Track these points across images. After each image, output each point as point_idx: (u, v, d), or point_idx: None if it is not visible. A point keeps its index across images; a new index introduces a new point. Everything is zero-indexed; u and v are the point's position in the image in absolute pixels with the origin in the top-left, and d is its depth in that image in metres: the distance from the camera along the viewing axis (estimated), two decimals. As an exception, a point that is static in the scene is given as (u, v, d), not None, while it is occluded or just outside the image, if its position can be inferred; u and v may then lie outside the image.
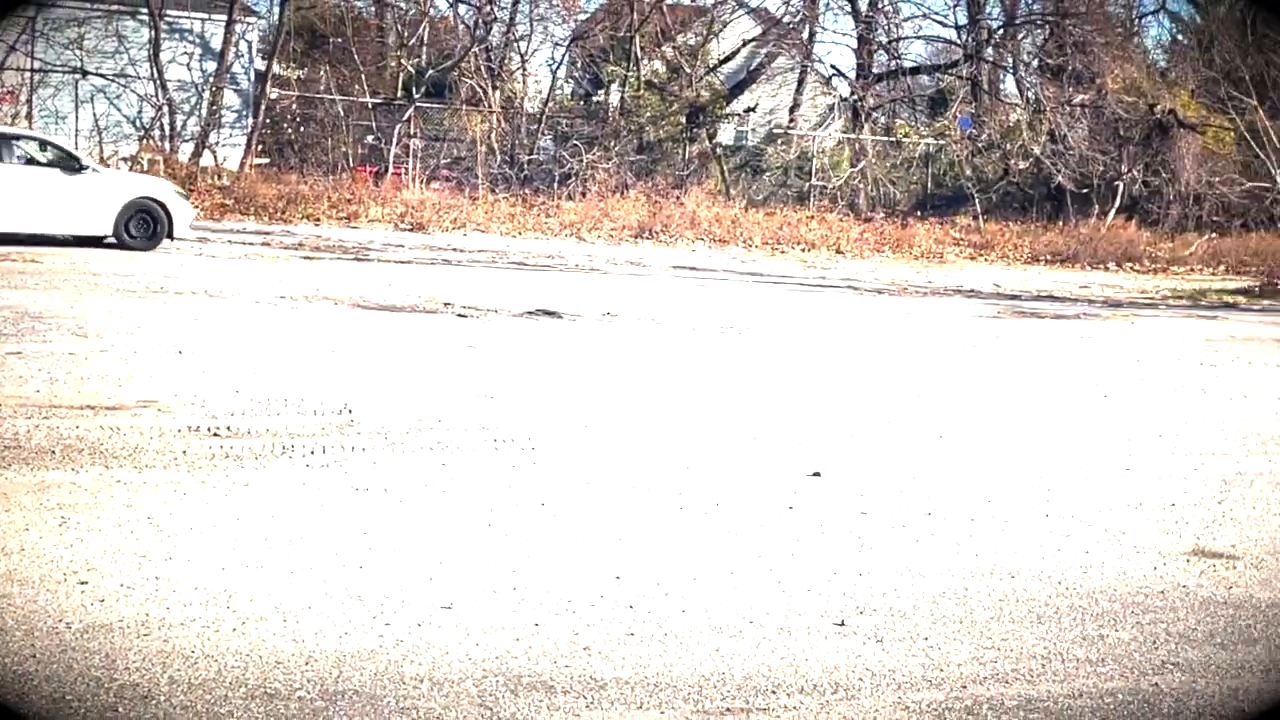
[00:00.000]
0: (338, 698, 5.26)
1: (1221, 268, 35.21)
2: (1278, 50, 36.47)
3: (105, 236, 23.63)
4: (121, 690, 5.23)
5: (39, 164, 23.88)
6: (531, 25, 44.27)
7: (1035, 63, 46.46)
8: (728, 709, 5.36)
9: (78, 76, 37.30)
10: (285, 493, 8.31)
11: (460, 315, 17.76)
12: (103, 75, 37.67)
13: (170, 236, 24.08)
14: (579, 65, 46.51)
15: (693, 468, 9.57)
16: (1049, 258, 35.85)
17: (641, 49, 43.61)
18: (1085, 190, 41.48)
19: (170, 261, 22.01)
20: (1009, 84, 48.40)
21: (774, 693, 5.55)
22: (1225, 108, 37.98)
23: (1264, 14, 42.83)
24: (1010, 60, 47.62)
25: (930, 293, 26.24)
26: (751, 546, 7.67)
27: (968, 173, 42.58)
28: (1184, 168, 41.10)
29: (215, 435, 9.70)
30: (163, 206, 24.03)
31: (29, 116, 36.21)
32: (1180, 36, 50.52)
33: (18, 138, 25.08)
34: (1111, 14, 47.70)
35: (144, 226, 23.88)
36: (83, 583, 6.41)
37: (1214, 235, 38.89)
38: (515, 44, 44.54)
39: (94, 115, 37.08)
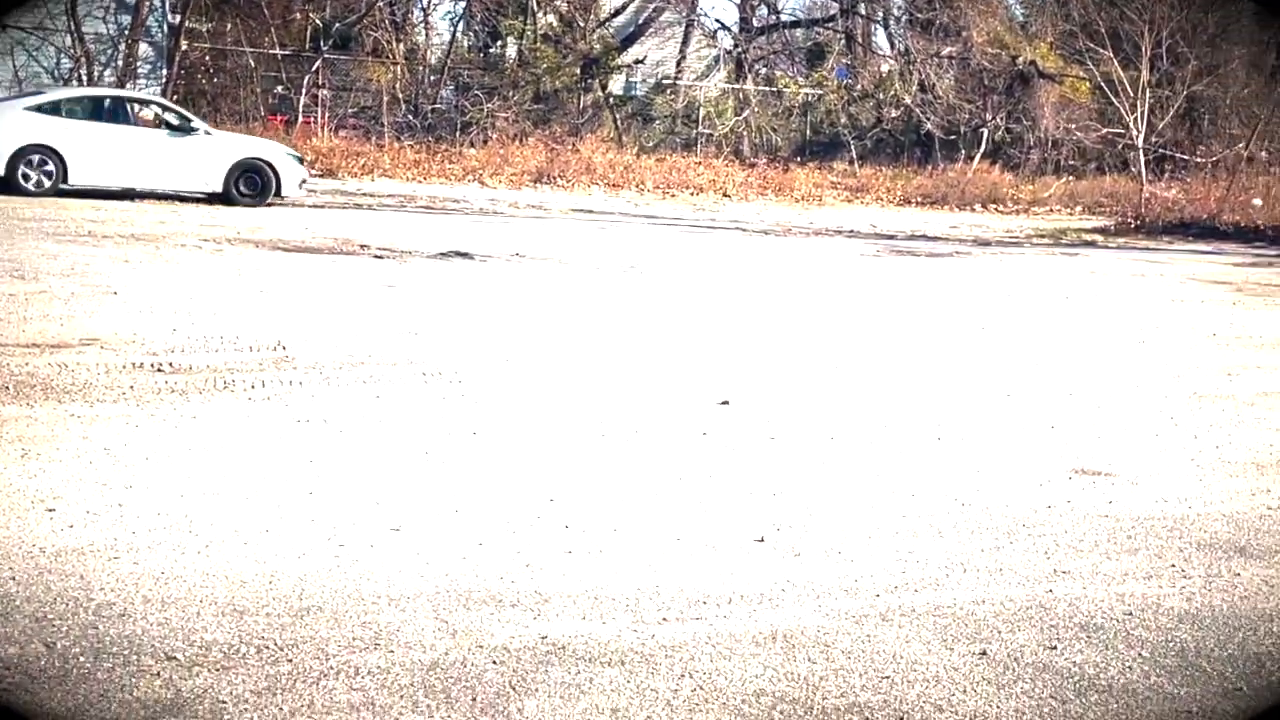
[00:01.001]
0: (303, 614, 5.31)
1: (1079, 208, 35.60)
2: (1130, 4, 36.82)
3: (217, 193, 23.93)
4: (99, 609, 5.24)
5: (157, 126, 24.43)
6: (433, -20, 43.98)
7: (905, 17, 46.64)
8: (664, 619, 5.45)
9: (-4, 30, 36.64)
10: (231, 424, 8.30)
11: (377, 256, 17.69)
12: (21, 28, 36.93)
13: (279, 194, 24.38)
14: (478, 19, 46.07)
15: (610, 398, 9.65)
16: (920, 200, 36.10)
17: (537, 3, 43.39)
18: (952, 137, 41.81)
19: (93, 207, 21.71)
20: (881, 37, 48.62)
21: (704, 603, 5.65)
22: (1082, 59, 38.29)
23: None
24: (882, 14, 47.80)
25: (813, 233, 26.39)
26: (672, 470, 7.77)
27: (844, 121, 42.77)
28: (1043, 115, 41.50)
29: (159, 371, 9.65)
30: (271, 166, 24.39)
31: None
32: (1039, -7, 50.90)
33: (139, 102, 25.76)
34: (976, -29, 47.97)
35: (252, 184, 24.18)
36: (50, 510, 6.40)
37: (1071, 178, 39.31)
38: (417, -1, 44.20)
39: (14, 67, 36.43)
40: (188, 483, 6.98)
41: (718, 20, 49.86)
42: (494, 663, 4.93)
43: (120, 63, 38.40)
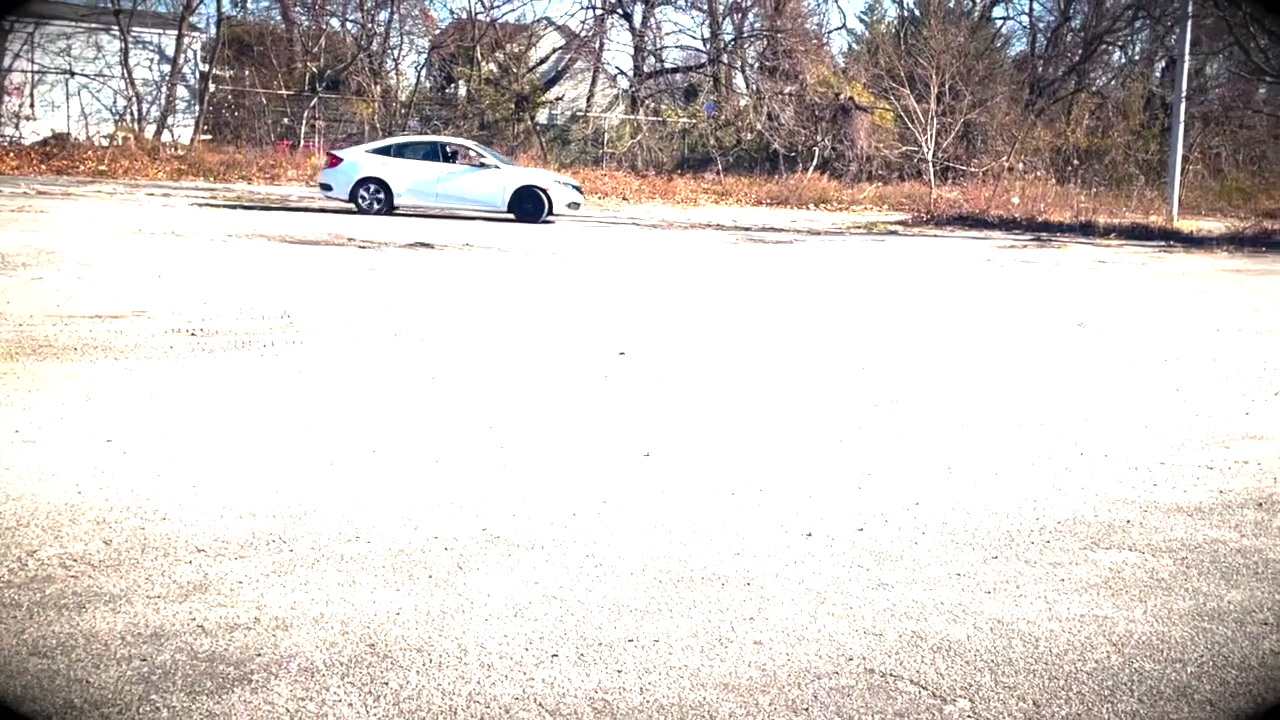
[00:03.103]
0: (301, 515, 5.26)
1: (886, 206, 35.78)
2: (922, 54, 37.14)
3: (503, 212, 24.27)
4: (145, 514, 5.17)
5: (459, 162, 24.87)
6: (401, 37, 43.77)
7: (757, 64, 46.70)
8: (573, 514, 5.45)
9: (67, 75, 35.95)
10: (248, 375, 8.20)
11: (361, 247, 17.50)
12: (86, 75, 36.33)
13: (551, 213, 24.42)
14: (436, 66, 45.72)
15: (535, 350, 9.62)
16: (769, 201, 36.17)
17: (481, 55, 43.07)
18: (793, 154, 41.92)
19: (136, 208, 21.30)
20: (739, 80, 48.64)
21: (605, 502, 5.66)
22: (887, 95, 38.56)
23: (910, 28, 43.59)
24: (740, 63, 47.83)
25: (689, 226, 26.37)
26: (581, 404, 7.77)
27: (712, 142, 42.82)
28: (859, 137, 41.74)
29: (192, 335, 9.51)
30: (544, 191, 24.44)
31: (32, 105, 34.92)
32: (855, 46, 51.11)
33: (449, 144, 26.02)
34: (809, 30, 48.09)
35: (528, 206, 24.20)
36: (108, 440, 6.30)
37: (880, 184, 39.54)
38: (390, 51, 43.81)
39: (81, 104, 35.82)
40: (214, 419, 6.90)
41: (617, 67, 49.85)
42: (445, 549, 4.92)
43: (163, 101, 37.77)
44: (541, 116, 45.15)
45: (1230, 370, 9.76)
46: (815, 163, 41.62)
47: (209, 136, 38.30)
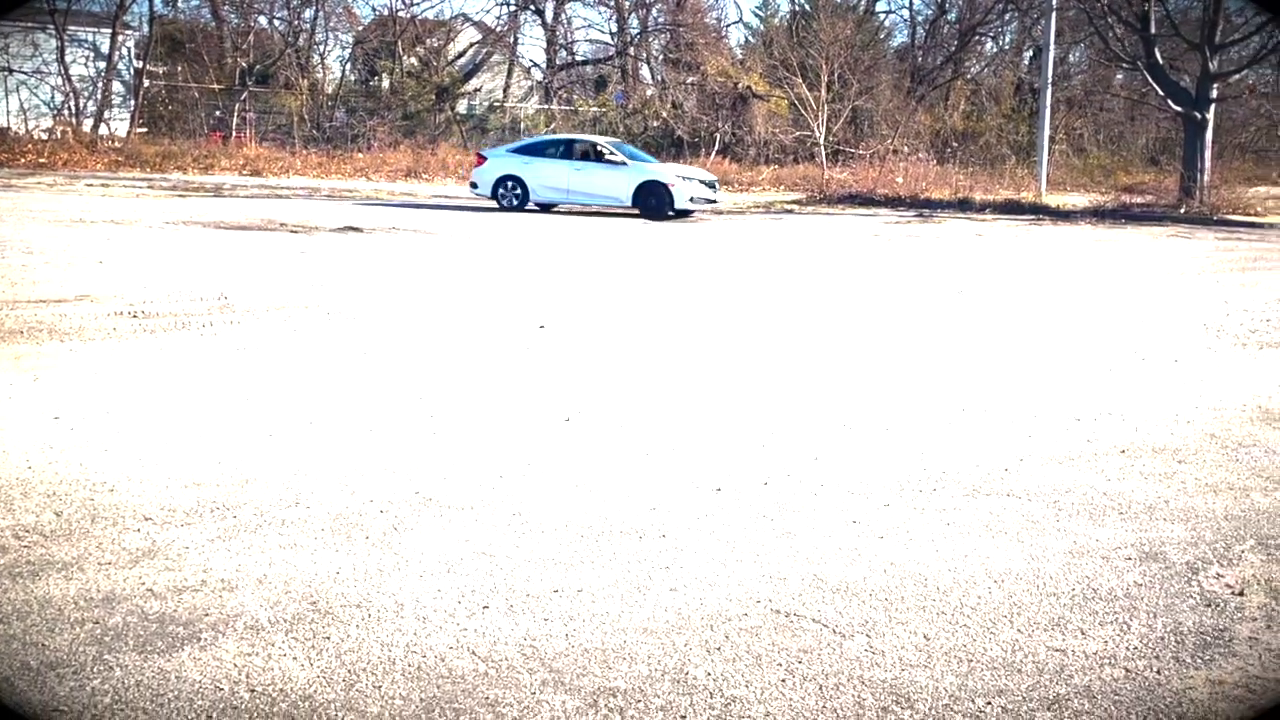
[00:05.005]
0: (244, 484, 5.19)
1: (782, 187, 35.92)
2: (813, 46, 37.33)
3: (628, 206, 23.40)
4: (94, 486, 5.07)
5: (602, 162, 23.87)
6: (326, 33, 43.19)
7: (661, 56, 46.69)
8: (500, 476, 5.43)
9: (5, 72, 34.86)
10: (189, 353, 8.05)
11: (293, 231, 17.22)
12: (24, 72, 35.28)
13: (672, 208, 23.35)
14: (360, 60, 45.04)
15: (460, 326, 9.54)
16: (675, 183, 36.14)
17: (402, 49, 42.55)
18: (696, 140, 41.95)
19: (76, 198, 20.77)
20: (645, 70, 48.57)
21: (529, 465, 5.65)
22: (782, 84, 38.73)
23: (801, 22, 43.80)
24: (645, 55, 47.75)
25: (602, 208, 26.27)
26: (505, 373, 7.73)
27: (621, 130, 42.67)
28: (757, 123, 41.85)
29: (134, 317, 9.30)
30: (666, 187, 23.41)
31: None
32: (752, 39, 51.23)
33: (579, 141, 25.02)
34: (708, 24, 48.15)
35: (651, 201, 23.32)
36: (56, 417, 6.15)
37: (777, 167, 39.72)
38: (316, 46, 43.11)
39: (19, 100, 34.78)
40: (157, 395, 6.76)
41: (531, 60, 49.54)
42: (381, 512, 4.88)
43: (99, 97, 36.83)
44: (461, 107, 44.77)
45: (1095, 331, 9.99)
46: (717, 147, 41.70)
47: (144, 130, 37.43)
